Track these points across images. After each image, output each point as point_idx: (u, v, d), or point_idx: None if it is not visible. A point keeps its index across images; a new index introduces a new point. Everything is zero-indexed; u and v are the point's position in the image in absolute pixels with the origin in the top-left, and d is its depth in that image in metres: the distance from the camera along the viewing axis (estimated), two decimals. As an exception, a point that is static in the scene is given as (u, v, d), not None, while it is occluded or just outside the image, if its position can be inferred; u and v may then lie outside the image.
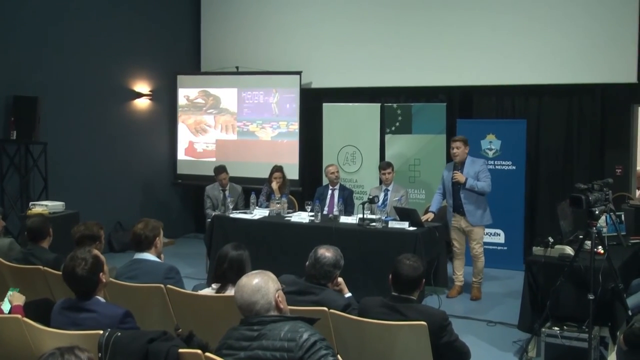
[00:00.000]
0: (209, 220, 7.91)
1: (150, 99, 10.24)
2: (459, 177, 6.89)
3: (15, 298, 3.93)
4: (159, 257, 4.37)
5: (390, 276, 3.69)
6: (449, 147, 8.66)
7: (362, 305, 3.74)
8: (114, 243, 9.40)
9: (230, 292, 3.71)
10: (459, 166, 6.97)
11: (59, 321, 3.32)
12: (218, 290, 3.90)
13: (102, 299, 3.42)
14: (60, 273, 3.52)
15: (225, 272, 3.90)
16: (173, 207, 10.88)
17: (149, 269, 4.19)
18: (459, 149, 6.95)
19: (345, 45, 9.83)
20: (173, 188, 10.83)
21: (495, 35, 8.87)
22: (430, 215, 7.16)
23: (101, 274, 3.39)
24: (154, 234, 4.30)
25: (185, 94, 10.66)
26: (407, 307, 3.60)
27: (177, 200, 10.96)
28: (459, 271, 7.23)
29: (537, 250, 5.48)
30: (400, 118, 9.09)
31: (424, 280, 3.71)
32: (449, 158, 8.62)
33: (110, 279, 4.10)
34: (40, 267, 4.57)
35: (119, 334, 2.95)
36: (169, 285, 4.04)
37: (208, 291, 3.98)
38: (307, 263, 3.95)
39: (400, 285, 3.65)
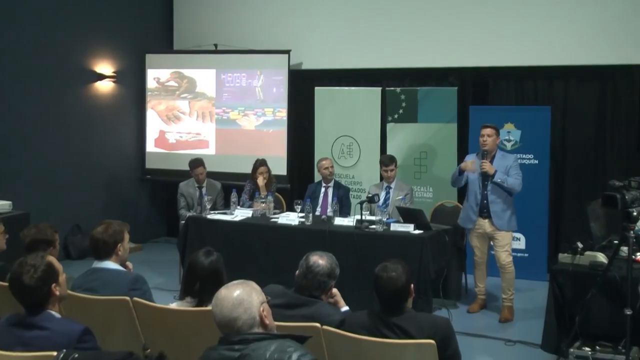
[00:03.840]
0: (183, 222, 7.90)
1: (114, 82, 10.17)
2: (488, 167, 6.73)
3: None
4: (123, 265, 4.34)
5: (374, 292, 3.71)
6: (460, 138, 8.74)
7: (348, 324, 3.72)
8: (70, 249, 9.34)
9: (209, 306, 3.66)
10: (488, 159, 6.81)
11: (4, 341, 3.26)
12: (197, 306, 3.87)
13: (56, 314, 3.37)
14: (6, 284, 3.46)
15: (201, 290, 3.85)
16: (141, 206, 10.83)
17: (110, 279, 4.16)
18: (490, 137, 6.79)
19: (341, 20, 9.79)
20: (141, 185, 10.78)
21: (515, 9, 8.84)
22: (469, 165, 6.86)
23: (54, 285, 3.33)
24: (115, 240, 4.27)
25: (155, 75, 10.61)
26: (404, 319, 3.61)
27: (145, 199, 10.92)
28: (481, 283, 7.17)
29: (564, 257, 5.47)
30: (404, 104, 9.06)
31: (412, 285, 3.71)
32: (461, 150, 8.65)
33: (68, 291, 4.05)
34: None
35: (76, 355, 2.92)
36: (135, 298, 4.01)
37: (181, 305, 3.93)
38: (297, 272, 3.94)
39: (386, 302, 3.68)
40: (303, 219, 7.13)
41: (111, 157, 10.24)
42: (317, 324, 3.60)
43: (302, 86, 10.03)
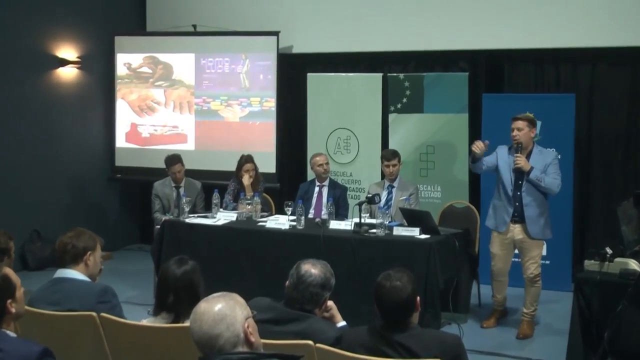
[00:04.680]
0: (158, 226, 7.90)
1: (78, 68, 10.16)
2: (523, 162, 6.62)
3: None
4: (91, 279, 4.32)
5: (375, 304, 3.70)
6: (472, 130, 8.73)
7: (345, 341, 3.71)
8: (28, 258, 9.31)
9: (187, 322, 3.65)
10: (523, 153, 6.72)
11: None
12: (173, 322, 3.87)
13: (11, 333, 3.34)
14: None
15: (175, 303, 3.85)
16: (110, 209, 10.83)
17: (75, 291, 4.13)
18: (520, 131, 6.67)
19: (337, -3, 9.82)
20: (110, 185, 10.77)
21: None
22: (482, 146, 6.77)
23: (9, 301, 3.31)
24: (85, 246, 4.26)
25: (126, 60, 10.60)
26: (408, 336, 3.59)
27: (115, 200, 10.92)
28: (499, 293, 7.14)
29: (591, 264, 5.47)
30: (408, 92, 9.07)
31: (417, 298, 3.70)
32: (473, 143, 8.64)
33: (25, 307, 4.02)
34: None
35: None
36: (103, 313, 3.99)
37: (156, 321, 3.93)
38: (287, 283, 3.93)
39: (389, 315, 3.67)
40: (294, 223, 7.12)
41: (76, 153, 10.21)
42: (310, 342, 3.58)
43: (293, 72, 10.05)
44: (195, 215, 7.77)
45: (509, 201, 6.82)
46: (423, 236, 6.60)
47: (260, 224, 7.32)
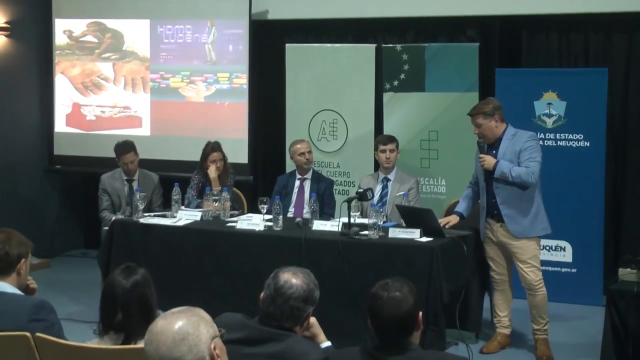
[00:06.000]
0: (107, 228, 7.90)
1: (7, 36, 10.11)
2: (487, 163, 6.75)
3: None
4: (24, 290, 4.32)
5: (369, 320, 3.70)
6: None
7: None
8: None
9: (140, 343, 3.65)
10: (496, 144, 6.83)
11: None
12: (123, 343, 3.85)
13: None
14: None
15: (125, 321, 3.84)
16: (48, 208, 10.81)
17: (4, 307, 4.11)
18: (480, 127, 6.81)
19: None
20: (48, 178, 10.76)
21: None
22: (452, 219, 7.09)
23: None
24: (19, 253, 4.26)
25: (67, 27, 10.60)
26: (408, 358, 3.59)
27: (54, 197, 10.89)
28: (502, 311, 7.12)
29: (626, 273, 5.49)
30: (407, 67, 9.09)
31: (420, 313, 3.70)
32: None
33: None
34: None
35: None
36: (38, 333, 3.97)
37: (103, 342, 3.90)
38: (263, 295, 3.89)
39: (385, 332, 3.66)
40: (270, 223, 7.12)
41: (5, 139, 10.15)
42: (290, 366, 3.57)
43: (269, 43, 10.06)
44: (152, 214, 7.77)
45: (483, 202, 6.97)
46: (424, 239, 6.61)
47: (230, 224, 7.32)
